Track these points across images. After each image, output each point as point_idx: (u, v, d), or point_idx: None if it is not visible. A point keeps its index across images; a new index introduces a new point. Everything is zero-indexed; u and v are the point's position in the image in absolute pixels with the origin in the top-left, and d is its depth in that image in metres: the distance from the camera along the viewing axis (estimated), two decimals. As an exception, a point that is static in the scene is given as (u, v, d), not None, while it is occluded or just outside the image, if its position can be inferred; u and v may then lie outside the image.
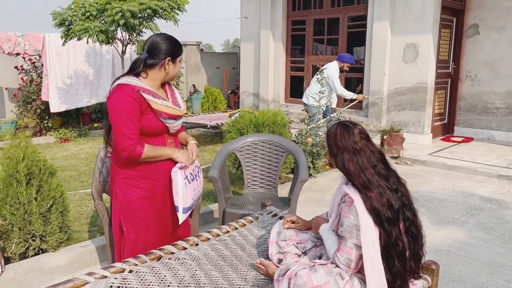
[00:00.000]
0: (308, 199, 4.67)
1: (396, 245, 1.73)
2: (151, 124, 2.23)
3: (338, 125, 1.92)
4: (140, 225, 2.34)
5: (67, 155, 6.61)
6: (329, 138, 1.92)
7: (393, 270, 1.73)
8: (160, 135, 2.31)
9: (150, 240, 2.39)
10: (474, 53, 7.67)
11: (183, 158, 2.32)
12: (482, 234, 3.76)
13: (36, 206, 2.93)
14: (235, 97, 11.35)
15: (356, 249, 1.72)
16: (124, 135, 2.11)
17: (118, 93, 2.16)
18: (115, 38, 6.70)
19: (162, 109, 2.24)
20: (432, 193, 4.86)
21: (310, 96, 6.13)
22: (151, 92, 2.21)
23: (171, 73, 2.30)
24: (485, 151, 6.68)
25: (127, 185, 2.28)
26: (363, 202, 1.72)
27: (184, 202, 2.32)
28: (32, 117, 7.79)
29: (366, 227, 1.69)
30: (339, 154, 1.85)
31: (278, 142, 3.57)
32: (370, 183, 1.77)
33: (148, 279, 2.02)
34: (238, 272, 2.14)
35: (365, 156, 1.83)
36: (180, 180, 2.28)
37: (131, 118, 2.14)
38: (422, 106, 7.21)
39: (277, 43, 9.21)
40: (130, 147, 2.12)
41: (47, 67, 7.58)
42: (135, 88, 2.16)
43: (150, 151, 2.20)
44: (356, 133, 1.88)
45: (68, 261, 3.04)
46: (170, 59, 2.25)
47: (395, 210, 1.75)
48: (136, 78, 2.22)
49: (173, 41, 2.27)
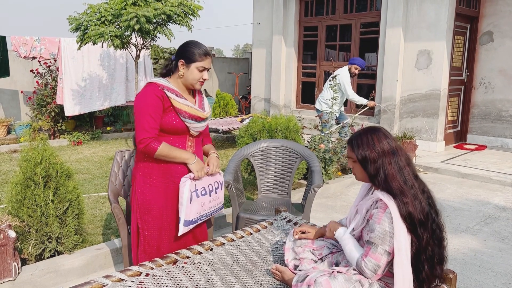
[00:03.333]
0: (320, 205, 4.66)
1: (426, 249, 1.72)
2: (171, 122, 2.28)
3: (366, 132, 1.88)
4: (155, 224, 2.36)
5: (80, 158, 6.68)
6: (363, 147, 1.83)
7: (421, 276, 1.72)
8: (181, 135, 2.34)
9: (165, 240, 2.40)
10: (488, 61, 7.61)
11: (196, 167, 2.31)
12: (497, 243, 3.71)
13: (53, 208, 2.97)
14: (246, 102, 11.39)
15: (386, 256, 1.72)
16: (143, 128, 2.19)
17: (144, 91, 2.27)
18: (130, 43, 6.78)
19: (183, 107, 2.28)
20: (445, 201, 4.81)
21: (323, 103, 6.14)
22: (175, 92, 2.29)
23: (186, 78, 2.31)
24: (499, 159, 6.60)
25: (144, 183, 2.33)
26: (398, 208, 1.72)
27: (187, 215, 2.30)
28: (46, 120, 7.89)
29: (400, 234, 1.69)
30: (379, 159, 1.80)
31: (291, 148, 3.57)
32: (405, 183, 1.75)
33: (164, 283, 2.04)
34: (254, 278, 2.15)
35: (402, 154, 1.82)
36: (186, 191, 2.28)
37: (152, 114, 2.21)
38: (435, 113, 7.16)
39: (289, 48, 9.24)
40: (146, 140, 2.19)
41: (62, 71, 7.69)
42: (160, 87, 2.26)
43: (165, 149, 2.23)
44: (388, 134, 1.87)
45: (83, 263, 3.06)
46: (183, 63, 2.29)
47: (425, 212, 1.75)
48: (163, 79, 2.33)
49: (191, 46, 2.30)
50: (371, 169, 1.82)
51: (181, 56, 2.30)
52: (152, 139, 2.21)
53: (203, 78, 2.34)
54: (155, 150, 2.21)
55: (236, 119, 8.30)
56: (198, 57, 2.29)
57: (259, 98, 10.06)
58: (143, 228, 2.37)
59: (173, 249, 2.37)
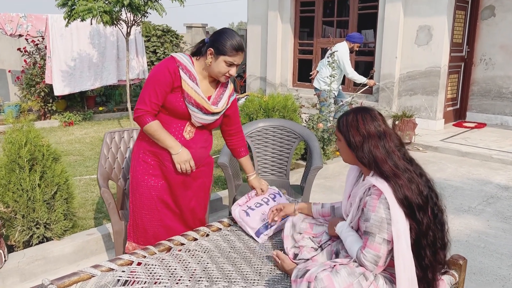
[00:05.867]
0: (318, 186, 4.54)
1: (427, 235, 1.60)
2: (175, 103, 2.13)
3: (354, 112, 1.75)
4: (143, 202, 2.24)
5: (72, 139, 6.51)
6: (348, 128, 1.72)
7: (423, 263, 1.60)
8: (181, 120, 2.18)
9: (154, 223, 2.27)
10: (490, 36, 7.42)
11: (178, 158, 2.14)
12: (501, 223, 3.63)
13: (40, 192, 2.82)
14: (241, 81, 11.16)
15: (385, 244, 1.59)
16: (143, 100, 2.11)
17: (161, 62, 2.15)
18: (120, 19, 6.51)
19: (190, 92, 2.12)
20: (446, 181, 4.71)
21: (321, 81, 5.93)
22: (190, 73, 2.12)
23: (212, 68, 2.13)
24: (499, 137, 6.50)
25: (138, 158, 2.23)
26: (394, 191, 1.58)
27: (250, 230, 2.27)
28: (36, 101, 7.67)
29: (398, 220, 1.56)
30: (364, 142, 1.68)
31: (290, 127, 3.42)
32: (397, 168, 1.63)
33: (157, 273, 1.92)
34: (252, 266, 2.03)
35: (391, 139, 1.69)
36: (237, 216, 2.33)
37: (157, 88, 2.09)
38: (434, 91, 7.01)
39: (285, 25, 8.97)
40: (141, 111, 2.10)
41: (51, 49, 7.41)
42: (177, 63, 2.11)
43: (153, 127, 2.11)
44: (378, 116, 1.73)
45: (73, 249, 2.94)
46: (213, 52, 2.10)
47: (424, 196, 1.62)
48: (187, 57, 2.17)
49: (225, 36, 2.09)
50: (357, 151, 1.70)
51: (212, 45, 2.11)
52: (148, 113, 2.10)
53: (229, 74, 2.15)
54: (145, 123, 2.11)
55: (231, 99, 8.10)
56: (229, 51, 2.08)
57: (255, 76, 9.84)
58: (133, 204, 2.27)
59: (160, 234, 2.24)
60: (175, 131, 2.17)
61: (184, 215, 2.33)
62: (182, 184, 2.27)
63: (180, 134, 2.19)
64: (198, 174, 2.32)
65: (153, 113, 2.12)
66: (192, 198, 2.34)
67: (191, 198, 2.34)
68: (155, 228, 2.26)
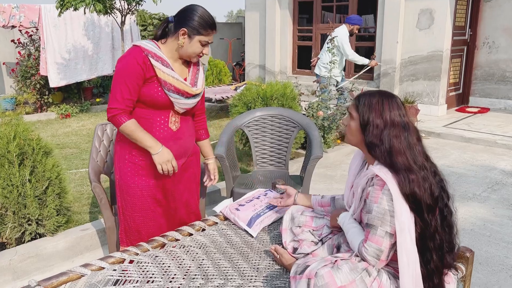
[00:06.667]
0: (319, 175, 4.45)
1: (434, 238, 1.50)
2: (153, 95, 1.98)
3: (380, 95, 1.61)
4: (135, 204, 2.13)
5: (69, 131, 6.41)
6: (370, 109, 1.59)
7: (429, 267, 1.50)
8: (163, 110, 2.05)
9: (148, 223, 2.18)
10: (493, 18, 7.24)
11: (159, 159, 2.00)
12: (506, 211, 3.53)
13: (31, 188, 2.73)
14: (240, 69, 11.01)
15: (388, 238, 1.49)
16: (115, 98, 1.95)
17: (126, 54, 1.97)
18: (114, 8, 6.36)
19: (168, 79, 1.98)
20: (449, 167, 4.61)
21: (322, 67, 5.78)
22: (161, 60, 1.97)
23: (184, 50, 1.99)
24: (503, 122, 6.37)
25: (123, 158, 2.09)
26: (399, 184, 1.48)
27: (242, 223, 2.17)
28: (31, 93, 7.55)
29: (402, 213, 1.46)
30: (385, 129, 1.55)
31: (288, 116, 3.31)
32: (415, 163, 1.52)
33: (150, 271, 1.83)
34: (249, 262, 1.94)
35: (413, 131, 1.58)
36: (227, 212, 2.25)
37: (128, 82, 1.93)
38: (437, 76, 6.87)
39: (284, 11, 8.79)
40: (115, 111, 1.95)
41: (44, 40, 7.28)
42: (144, 52, 1.94)
43: (131, 128, 1.96)
44: (402, 106, 1.61)
45: (67, 245, 2.86)
46: (186, 32, 1.96)
47: (435, 197, 1.52)
48: (152, 42, 2.00)
49: (198, 15, 1.95)
50: (371, 135, 1.57)
51: (184, 24, 1.95)
52: (122, 111, 1.95)
53: (203, 53, 2.03)
54: (120, 123, 1.96)
55: (229, 88, 7.98)
56: (204, 31, 1.95)
57: (254, 65, 9.68)
58: (123, 207, 2.16)
59: (155, 234, 2.15)
60: (160, 125, 2.06)
61: (178, 211, 2.24)
62: (174, 178, 2.17)
63: (166, 127, 2.07)
64: (188, 164, 2.22)
65: (127, 110, 1.97)
66: (184, 191, 2.26)
67: (183, 191, 2.25)
68: (149, 228, 2.17)
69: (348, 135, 1.71)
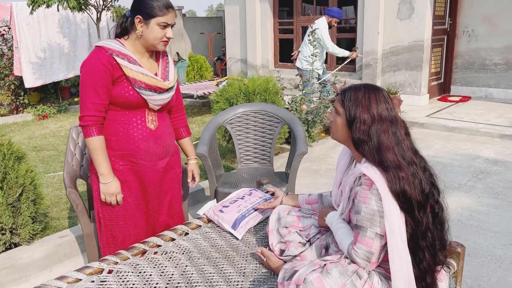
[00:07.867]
0: (304, 170, 4.39)
1: (426, 236, 1.44)
2: (124, 95, 1.88)
3: (366, 89, 1.53)
4: (118, 212, 2.02)
5: (46, 133, 6.21)
6: (357, 104, 1.51)
7: (422, 266, 1.45)
8: (138, 109, 1.95)
9: (131, 231, 2.08)
10: (472, 7, 7.27)
11: (105, 189, 1.92)
12: (492, 200, 3.53)
13: (3, 196, 2.59)
14: (221, 64, 10.87)
15: (378, 239, 1.43)
16: (85, 105, 1.86)
17: (89, 57, 1.87)
18: (88, 5, 6.16)
19: (137, 76, 1.88)
20: (434, 158, 4.60)
21: (304, 60, 5.71)
22: (127, 57, 1.87)
23: (146, 38, 1.89)
24: (485, 110, 6.42)
25: None
26: (388, 182, 1.41)
27: (226, 224, 2.08)
28: (6, 94, 7.30)
29: (391, 213, 1.39)
30: (372, 125, 1.47)
31: (272, 112, 3.23)
32: (404, 158, 1.45)
33: (131, 280, 1.73)
34: (235, 266, 1.86)
35: (401, 126, 1.51)
36: (211, 214, 2.16)
37: (96, 87, 1.83)
38: (418, 66, 6.87)
39: (264, 4, 8.68)
40: (87, 119, 1.87)
41: (17, 39, 7.03)
42: (108, 52, 1.84)
43: (95, 146, 1.88)
44: (390, 100, 1.53)
45: (44, 254, 2.73)
46: (141, 19, 1.87)
47: (425, 193, 1.46)
48: (114, 41, 1.89)
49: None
50: (358, 132, 1.49)
51: (138, 11, 1.86)
52: (94, 122, 1.87)
53: (167, 37, 1.91)
54: (88, 136, 1.88)
55: (211, 83, 7.84)
56: (158, 11, 1.85)
57: (235, 59, 9.56)
58: (104, 217, 2.04)
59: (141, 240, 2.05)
60: (137, 125, 1.95)
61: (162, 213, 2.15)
62: (158, 179, 2.08)
63: (144, 126, 1.97)
64: (170, 165, 2.13)
65: (100, 117, 1.88)
66: (167, 191, 2.17)
67: (166, 192, 2.17)
68: (135, 236, 2.07)
69: (334, 132, 1.63)
